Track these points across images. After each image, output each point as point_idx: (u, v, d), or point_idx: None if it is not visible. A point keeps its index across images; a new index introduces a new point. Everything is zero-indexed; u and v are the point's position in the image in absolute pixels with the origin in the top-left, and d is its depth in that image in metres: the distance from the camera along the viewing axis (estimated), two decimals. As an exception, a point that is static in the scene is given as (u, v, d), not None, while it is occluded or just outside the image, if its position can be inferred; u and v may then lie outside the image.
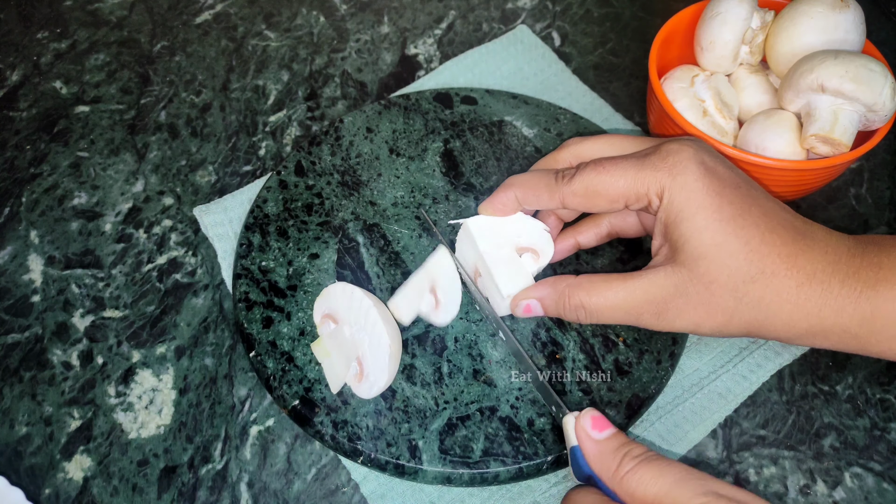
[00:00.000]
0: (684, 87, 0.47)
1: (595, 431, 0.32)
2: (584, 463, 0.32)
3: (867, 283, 0.33)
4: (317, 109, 0.55)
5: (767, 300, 0.33)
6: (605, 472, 0.31)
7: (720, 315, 0.34)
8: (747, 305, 0.34)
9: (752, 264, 0.33)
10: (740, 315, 0.34)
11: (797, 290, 0.33)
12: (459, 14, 0.61)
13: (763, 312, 0.34)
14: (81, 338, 0.44)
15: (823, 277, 0.33)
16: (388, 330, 0.37)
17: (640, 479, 0.29)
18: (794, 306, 0.33)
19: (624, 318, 0.36)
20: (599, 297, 0.36)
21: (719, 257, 0.33)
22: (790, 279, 0.33)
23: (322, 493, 0.38)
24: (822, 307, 0.33)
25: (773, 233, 0.34)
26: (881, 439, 0.40)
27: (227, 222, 0.47)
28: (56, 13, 0.61)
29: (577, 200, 0.37)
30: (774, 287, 0.33)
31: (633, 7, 0.61)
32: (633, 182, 0.35)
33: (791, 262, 0.33)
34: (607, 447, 0.31)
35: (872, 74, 0.40)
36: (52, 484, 0.39)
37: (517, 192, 0.39)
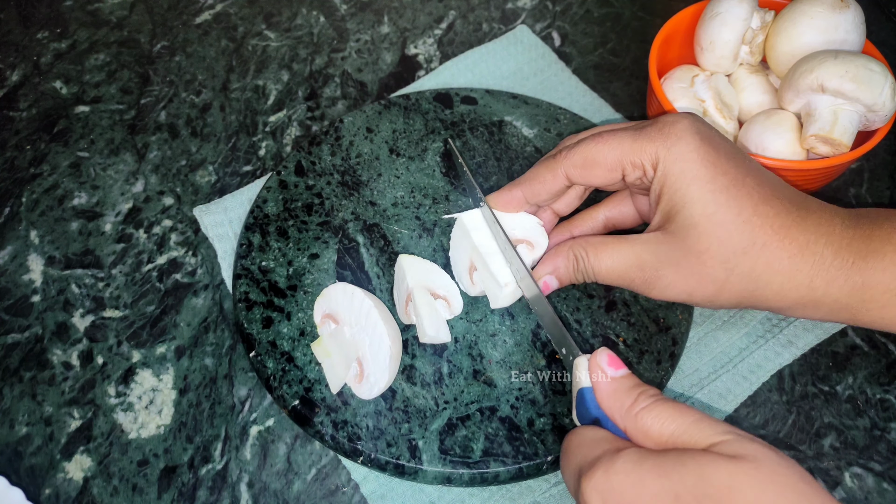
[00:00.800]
0: (684, 87, 0.47)
1: (611, 368, 0.32)
2: (592, 404, 0.32)
3: (859, 254, 0.33)
4: (317, 109, 0.55)
5: (759, 271, 0.34)
6: (618, 408, 0.30)
7: (711, 285, 0.34)
8: (738, 276, 0.34)
9: (744, 235, 0.33)
10: (731, 286, 0.34)
11: (789, 261, 0.33)
12: (459, 14, 0.61)
13: (754, 283, 0.34)
14: (81, 338, 0.44)
15: (816, 249, 0.33)
16: (389, 331, 0.37)
17: (658, 416, 0.28)
18: (786, 277, 0.33)
19: (618, 282, 0.37)
20: (601, 259, 0.37)
21: (711, 228, 0.33)
22: (782, 250, 0.33)
23: (322, 493, 0.38)
24: (814, 278, 0.33)
25: (767, 203, 0.34)
26: (881, 439, 0.40)
27: (227, 222, 0.47)
28: (56, 13, 0.61)
29: (576, 172, 0.37)
30: (766, 258, 0.33)
31: (633, 7, 0.61)
32: (629, 151, 0.35)
33: (784, 234, 0.33)
34: (622, 385, 0.31)
35: (872, 74, 0.40)
36: (52, 484, 0.39)
37: (522, 188, 0.39)
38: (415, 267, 0.40)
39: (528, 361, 0.39)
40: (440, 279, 0.41)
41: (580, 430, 0.31)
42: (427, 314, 0.39)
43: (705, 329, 0.43)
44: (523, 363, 0.39)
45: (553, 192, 0.39)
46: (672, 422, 0.28)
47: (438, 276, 0.41)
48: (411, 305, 0.39)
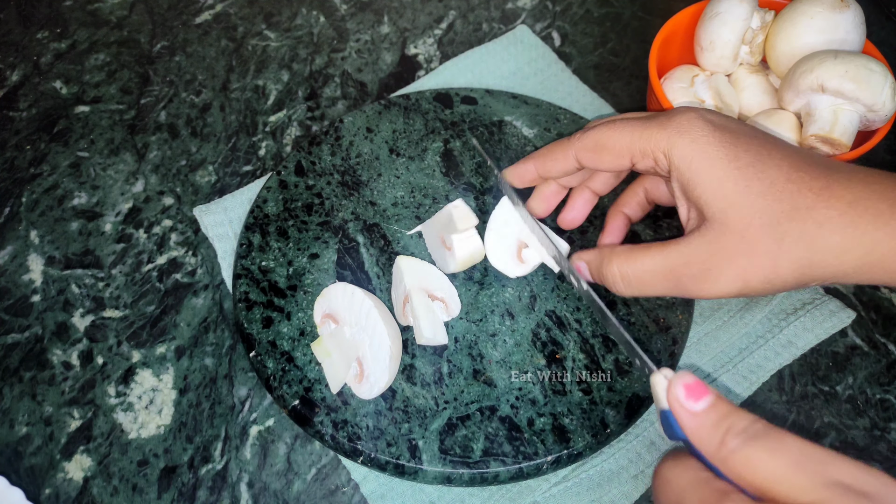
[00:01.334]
0: (684, 87, 0.47)
1: (690, 402, 0.27)
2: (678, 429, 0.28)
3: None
4: (317, 109, 0.55)
5: (811, 233, 0.31)
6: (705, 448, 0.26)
7: (766, 261, 0.32)
8: (791, 244, 0.31)
9: (784, 202, 0.31)
10: (786, 256, 0.31)
11: (841, 219, 0.31)
12: (459, 14, 0.61)
13: (810, 249, 0.31)
14: (81, 338, 0.44)
15: (868, 204, 0.31)
16: (389, 331, 0.37)
17: (749, 460, 0.24)
18: (842, 236, 0.31)
19: (664, 285, 0.34)
20: (637, 265, 0.34)
21: (748, 201, 0.32)
22: (830, 209, 0.31)
23: (322, 493, 0.38)
24: (874, 230, 0.31)
25: (800, 171, 0.32)
26: (881, 439, 0.40)
27: (227, 222, 0.47)
28: (56, 13, 0.61)
29: (587, 155, 0.37)
30: (815, 219, 0.31)
31: (633, 7, 0.61)
32: (638, 137, 0.34)
33: (827, 194, 0.31)
34: (706, 420, 0.26)
35: (872, 74, 0.40)
36: (52, 484, 0.39)
37: (535, 161, 0.40)
38: (413, 268, 0.40)
39: (528, 361, 0.40)
40: (438, 280, 0.41)
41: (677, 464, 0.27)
42: (424, 316, 0.39)
43: (705, 329, 0.43)
44: (523, 363, 0.39)
45: (564, 170, 0.39)
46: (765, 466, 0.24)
47: (436, 277, 0.41)
48: (409, 307, 0.39)
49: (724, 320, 0.43)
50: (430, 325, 0.39)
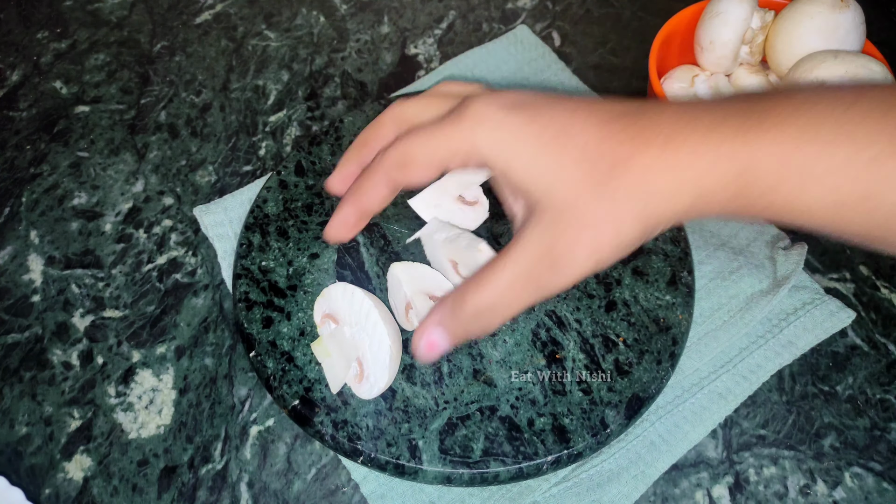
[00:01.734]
0: (684, 87, 0.47)
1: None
2: None
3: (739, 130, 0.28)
4: (317, 109, 0.55)
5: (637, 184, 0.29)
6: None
7: (607, 226, 0.30)
8: (623, 201, 0.30)
9: (603, 161, 0.30)
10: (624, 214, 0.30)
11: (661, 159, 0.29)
12: (459, 14, 0.61)
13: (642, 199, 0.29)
14: (81, 338, 0.44)
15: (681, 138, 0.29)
16: (389, 331, 0.37)
17: None
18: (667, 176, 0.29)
19: (527, 294, 0.31)
20: (489, 289, 0.31)
21: (567, 174, 0.30)
22: (647, 154, 0.29)
23: (322, 493, 0.38)
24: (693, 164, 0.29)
25: (608, 124, 0.30)
26: (881, 439, 0.40)
27: (227, 222, 0.47)
28: (56, 13, 0.61)
29: (395, 174, 0.35)
30: (636, 169, 0.29)
31: (633, 7, 0.61)
32: (441, 144, 0.33)
33: (641, 140, 0.30)
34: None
35: (872, 74, 0.40)
36: (52, 484, 0.39)
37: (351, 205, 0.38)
38: (409, 274, 0.40)
39: (528, 361, 0.40)
40: (435, 280, 0.41)
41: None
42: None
43: (705, 329, 0.43)
44: (523, 363, 0.39)
45: (385, 201, 0.37)
46: None
47: (433, 277, 0.41)
48: (412, 312, 0.39)
49: (724, 320, 0.43)
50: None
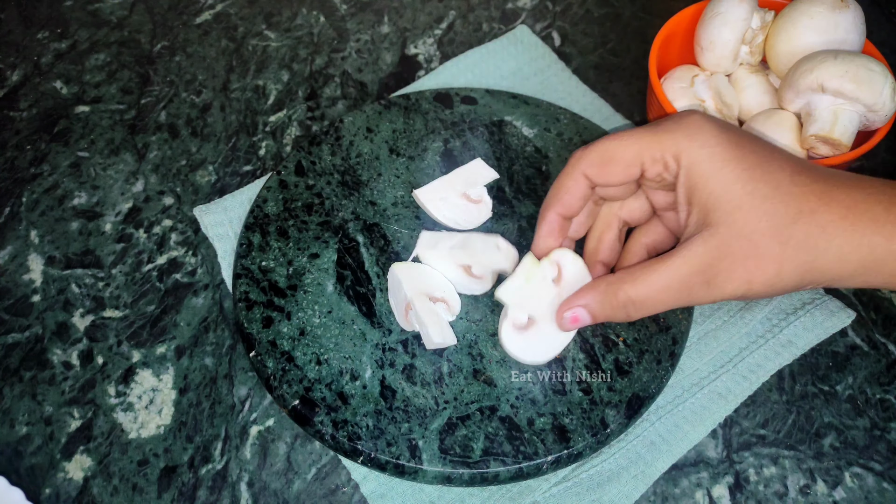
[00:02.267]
0: (684, 87, 0.47)
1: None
2: None
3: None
4: (317, 109, 0.55)
5: (814, 238, 0.32)
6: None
7: (770, 265, 0.32)
8: (794, 248, 0.32)
9: (789, 206, 0.32)
10: (790, 260, 0.32)
11: (841, 223, 0.32)
12: (459, 14, 0.61)
13: (812, 252, 0.32)
14: (81, 338, 0.44)
15: (865, 207, 0.32)
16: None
17: None
18: (844, 239, 0.32)
19: (675, 299, 0.34)
20: (645, 286, 0.34)
21: (754, 204, 0.32)
22: (831, 213, 0.32)
23: (322, 493, 0.38)
24: (872, 234, 0.32)
25: (801, 174, 0.33)
26: (881, 439, 0.40)
27: (227, 222, 0.47)
28: (56, 13, 0.61)
29: (594, 170, 0.36)
30: (818, 223, 0.32)
31: (633, 7, 0.61)
32: (647, 144, 0.35)
33: (828, 198, 0.32)
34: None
35: (872, 74, 0.40)
36: (52, 484, 0.39)
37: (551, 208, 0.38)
38: (409, 274, 0.40)
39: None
40: (436, 281, 0.41)
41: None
42: (430, 321, 0.39)
43: (705, 329, 0.43)
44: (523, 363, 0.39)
45: (580, 195, 0.38)
46: None
47: (434, 278, 0.41)
48: (412, 313, 0.39)
49: (724, 320, 0.43)
50: (439, 330, 0.39)
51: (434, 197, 0.45)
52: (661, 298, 0.34)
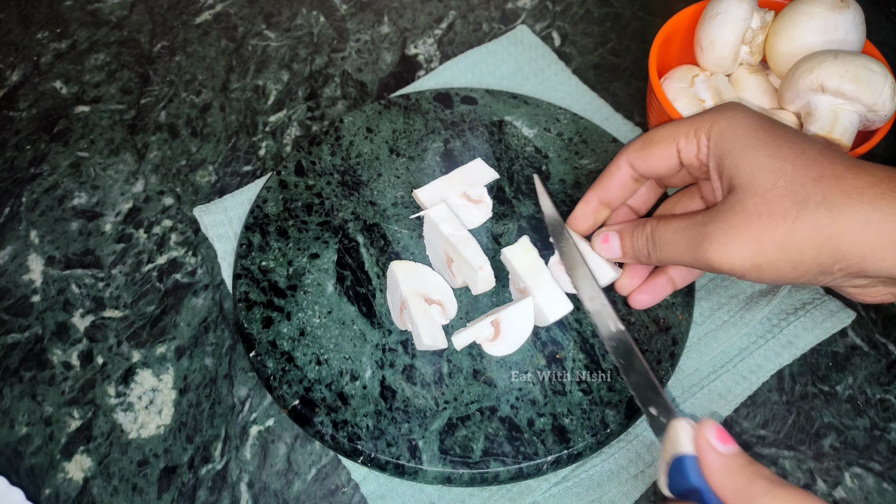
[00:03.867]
0: (684, 87, 0.47)
1: (720, 444, 0.29)
2: (694, 474, 0.29)
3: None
4: (317, 109, 0.55)
5: (835, 200, 0.30)
6: (730, 488, 0.28)
7: (780, 222, 0.30)
8: (809, 209, 0.30)
9: (811, 169, 0.31)
10: (804, 220, 0.30)
11: (869, 190, 0.29)
12: (459, 14, 0.61)
13: (830, 215, 0.30)
14: (81, 338, 0.44)
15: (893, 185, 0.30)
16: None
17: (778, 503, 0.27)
18: (869, 205, 0.29)
19: (686, 248, 0.34)
20: (667, 227, 0.35)
21: (775, 165, 0.31)
22: (857, 179, 0.30)
23: (322, 493, 0.38)
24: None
25: (831, 149, 0.32)
26: (881, 439, 0.40)
27: (227, 222, 0.47)
28: (56, 13, 0.61)
29: (636, 155, 0.37)
30: (842, 187, 0.30)
31: (633, 7, 0.61)
32: (682, 124, 0.36)
33: (858, 169, 0.30)
34: (735, 463, 0.28)
35: (872, 74, 0.40)
36: (52, 484, 0.39)
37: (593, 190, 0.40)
38: (408, 273, 0.40)
39: (528, 361, 0.40)
40: (433, 282, 0.41)
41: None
42: (423, 322, 0.39)
43: (705, 329, 0.43)
44: (523, 363, 0.39)
45: (621, 183, 0.39)
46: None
47: (431, 279, 0.41)
48: (406, 313, 0.39)
49: (724, 320, 0.43)
50: (430, 332, 0.39)
51: (434, 198, 0.45)
52: (673, 242, 0.35)
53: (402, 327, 0.40)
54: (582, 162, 0.48)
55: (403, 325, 0.40)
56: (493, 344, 0.39)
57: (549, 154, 0.48)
